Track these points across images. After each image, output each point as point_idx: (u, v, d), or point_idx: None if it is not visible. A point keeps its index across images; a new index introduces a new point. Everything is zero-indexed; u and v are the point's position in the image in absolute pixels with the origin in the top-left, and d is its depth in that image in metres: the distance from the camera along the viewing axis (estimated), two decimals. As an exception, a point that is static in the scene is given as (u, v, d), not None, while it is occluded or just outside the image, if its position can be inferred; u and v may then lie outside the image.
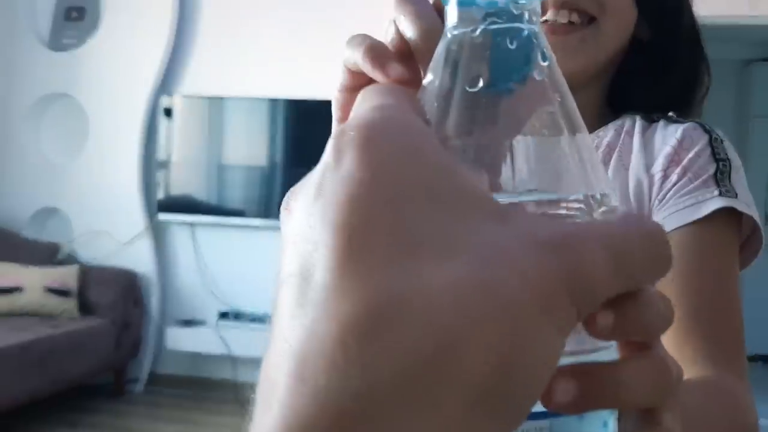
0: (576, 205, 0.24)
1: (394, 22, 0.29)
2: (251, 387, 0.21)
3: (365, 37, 0.28)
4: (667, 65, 0.73)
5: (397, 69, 0.26)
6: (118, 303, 3.44)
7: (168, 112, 3.61)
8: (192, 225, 3.63)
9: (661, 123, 0.71)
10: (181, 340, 3.54)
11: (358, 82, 0.29)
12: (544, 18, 0.66)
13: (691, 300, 0.61)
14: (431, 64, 0.26)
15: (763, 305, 5.40)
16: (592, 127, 0.72)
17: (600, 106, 0.74)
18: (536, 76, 0.26)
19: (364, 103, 0.25)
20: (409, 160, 0.20)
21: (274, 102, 3.55)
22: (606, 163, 0.69)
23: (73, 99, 3.70)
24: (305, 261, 0.19)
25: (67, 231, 3.69)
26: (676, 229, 0.63)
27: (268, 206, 3.56)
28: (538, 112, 0.26)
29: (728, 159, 0.66)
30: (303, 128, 3.55)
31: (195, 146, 3.67)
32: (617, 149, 0.70)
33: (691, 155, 0.66)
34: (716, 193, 0.63)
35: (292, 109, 3.55)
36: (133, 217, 3.62)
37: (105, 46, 3.67)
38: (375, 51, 0.27)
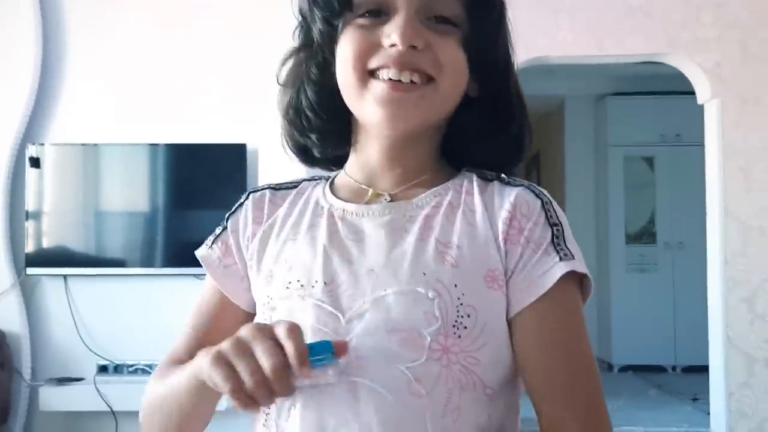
0: None
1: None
2: None
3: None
4: (502, 121, 0.80)
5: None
6: (-18, 366, 3.21)
7: (35, 162, 3.45)
8: (65, 277, 3.47)
9: (497, 184, 0.78)
10: (56, 399, 3.34)
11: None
12: (389, 76, 0.73)
13: (557, 366, 0.71)
14: None
15: (631, 320, 5.76)
16: (431, 180, 0.79)
17: (436, 159, 0.81)
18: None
19: None
20: None
21: (153, 147, 3.48)
22: (451, 219, 0.75)
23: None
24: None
25: None
26: (533, 303, 0.71)
27: (150, 255, 3.46)
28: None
29: (559, 222, 0.74)
30: (185, 173, 3.49)
31: (68, 196, 3.52)
32: (461, 208, 0.76)
33: (530, 225, 0.73)
34: (557, 259, 0.72)
35: (173, 153, 3.48)
36: (-1, 274, 3.41)
37: (-39, 93, 3.48)
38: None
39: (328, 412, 0.68)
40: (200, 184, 3.46)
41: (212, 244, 0.84)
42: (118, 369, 3.41)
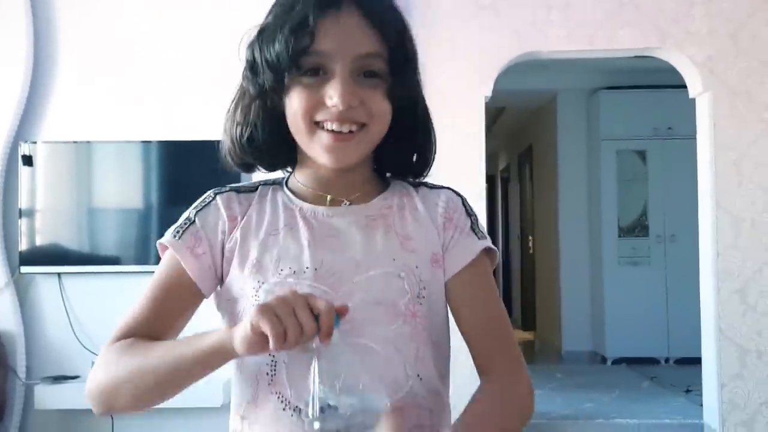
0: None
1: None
2: None
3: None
4: (417, 144, 1.02)
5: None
6: (-22, 365, 3.20)
7: (27, 160, 3.44)
8: (59, 275, 3.46)
9: (425, 189, 1.03)
10: (51, 398, 3.33)
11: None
12: (332, 128, 0.91)
13: (487, 316, 0.98)
14: None
15: (624, 313, 5.79)
16: (372, 188, 1.02)
17: (370, 171, 1.03)
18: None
19: None
20: None
21: (146, 144, 3.47)
22: (403, 217, 0.99)
23: None
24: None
25: None
26: (462, 269, 0.97)
27: (144, 252, 3.45)
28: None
29: (474, 214, 1.02)
30: (178, 169, 3.49)
31: (61, 194, 3.51)
32: (407, 207, 1.00)
33: (456, 215, 1.00)
34: (476, 239, 0.99)
35: (166, 150, 3.48)
36: (-7, 273, 3.39)
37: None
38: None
39: (341, 366, 0.82)
40: (193, 181, 3.45)
41: (181, 235, 0.98)
42: (113, 366, 3.40)
